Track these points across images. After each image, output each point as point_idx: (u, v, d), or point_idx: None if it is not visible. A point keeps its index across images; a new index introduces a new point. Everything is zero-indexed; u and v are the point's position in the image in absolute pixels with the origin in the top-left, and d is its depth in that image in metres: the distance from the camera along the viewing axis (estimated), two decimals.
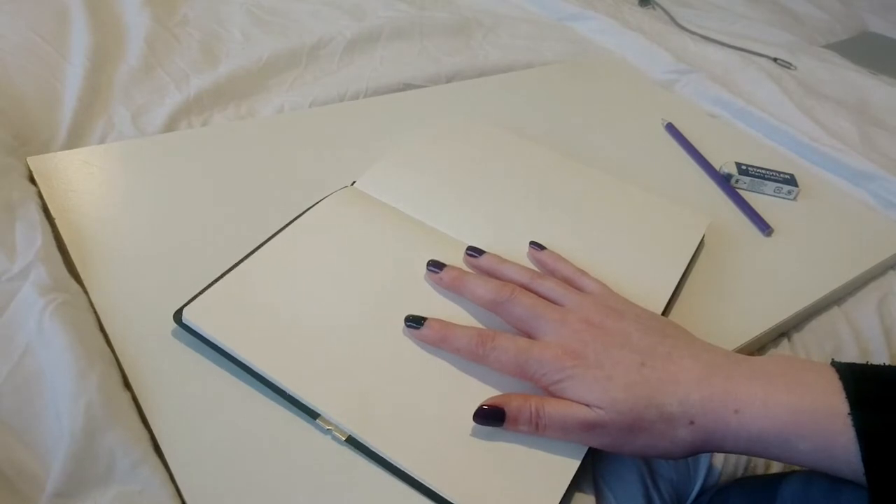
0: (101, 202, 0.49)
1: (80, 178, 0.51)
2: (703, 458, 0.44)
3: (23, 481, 0.33)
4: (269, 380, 0.37)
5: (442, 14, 0.88)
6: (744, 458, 0.45)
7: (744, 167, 0.65)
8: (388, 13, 0.86)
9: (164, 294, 0.42)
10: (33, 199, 0.47)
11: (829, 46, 1.06)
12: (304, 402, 0.37)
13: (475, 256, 0.45)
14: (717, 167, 0.66)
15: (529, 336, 0.39)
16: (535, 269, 0.45)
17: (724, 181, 0.64)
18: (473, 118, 0.64)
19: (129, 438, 0.34)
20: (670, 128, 0.72)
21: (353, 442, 0.36)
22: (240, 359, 0.38)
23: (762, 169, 0.65)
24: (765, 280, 0.54)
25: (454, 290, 0.43)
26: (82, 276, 0.43)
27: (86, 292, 0.42)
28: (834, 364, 0.35)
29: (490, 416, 0.37)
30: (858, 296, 0.57)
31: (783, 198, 0.64)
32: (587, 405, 0.35)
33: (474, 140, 0.60)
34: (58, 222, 0.46)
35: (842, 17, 1.19)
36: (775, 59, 0.91)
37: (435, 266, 0.44)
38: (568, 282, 0.43)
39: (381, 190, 0.51)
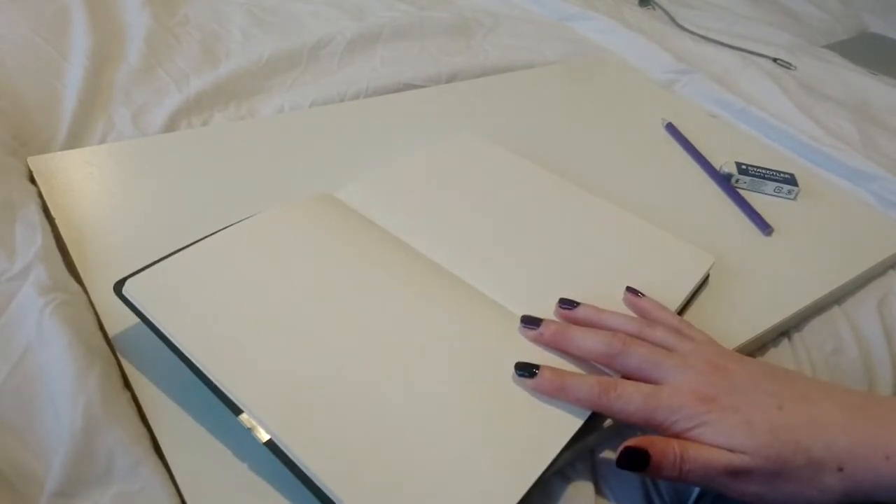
0: (101, 202, 0.49)
1: (80, 178, 0.51)
2: None
3: (22, 481, 0.33)
4: (198, 366, 0.35)
5: (442, 14, 0.88)
6: None
7: (744, 167, 0.65)
8: (388, 13, 0.86)
9: None
10: (33, 199, 0.47)
11: (829, 46, 1.06)
12: (228, 395, 0.34)
13: (570, 308, 0.42)
14: (717, 167, 0.66)
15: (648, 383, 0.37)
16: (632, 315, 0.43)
17: (724, 181, 0.64)
18: (474, 132, 0.61)
19: (128, 438, 0.34)
20: (670, 128, 0.72)
21: (273, 448, 0.33)
22: (172, 341, 0.36)
23: (762, 169, 0.65)
24: (765, 279, 0.53)
25: (557, 346, 0.40)
26: (82, 275, 0.43)
27: (86, 292, 0.42)
28: None
29: (634, 460, 0.34)
30: (859, 295, 0.57)
31: (783, 197, 0.64)
32: (730, 450, 0.33)
33: (471, 160, 0.57)
34: (58, 222, 0.46)
35: (842, 17, 1.19)
36: (775, 59, 0.91)
37: (530, 323, 0.41)
38: (674, 331, 0.40)
39: (361, 202, 0.49)
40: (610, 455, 0.41)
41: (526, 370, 0.38)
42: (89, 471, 0.33)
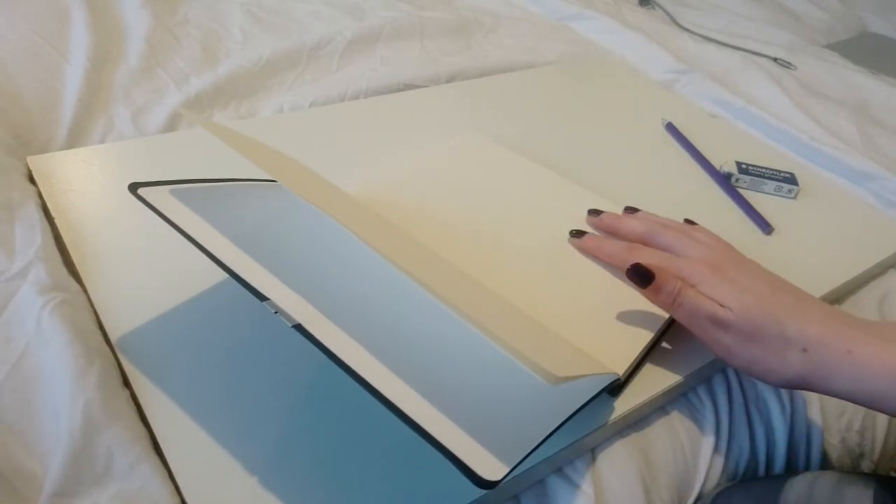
0: (101, 202, 0.49)
1: (80, 178, 0.51)
2: (703, 458, 0.44)
3: (22, 481, 0.33)
4: (221, 261, 0.34)
5: (442, 14, 0.88)
6: (744, 457, 0.45)
7: (744, 166, 0.65)
8: (388, 13, 0.86)
9: (163, 293, 0.42)
10: (33, 199, 0.47)
11: (829, 46, 1.06)
12: (252, 285, 0.33)
13: (633, 211, 0.52)
14: (717, 166, 0.66)
15: None
16: None
17: (724, 180, 0.64)
18: (477, 132, 0.61)
19: (127, 437, 0.34)
20: (670, 127, 0.72)
21: (301, 331, 0.32)
22: (193, 237, 0.36)
23: (762, 168, 0.65)
24: None
25: (611, 228, 0.50)
26: (81, 275, 0.43)
27: (85, 291, 0.42)
28: None
29: (640, 275, 0.41)
30: (859, 294, 0.57)
31: (783, 197, 0.64)
32: (719, 304, 0.39)
33: (473, 160, 0.57)
34: (58, 222, 0.46)
35: (842, 17, 1.19)
36: (775, 59, 0.91)
37: (594, 212, 0.52)
38: (713, 239, 0.47)
39: (366, 198, 0.50)
40: (610, 455, 0.41)
41: (577, 234, 0.49)
42: (88, 470, 0.33)
